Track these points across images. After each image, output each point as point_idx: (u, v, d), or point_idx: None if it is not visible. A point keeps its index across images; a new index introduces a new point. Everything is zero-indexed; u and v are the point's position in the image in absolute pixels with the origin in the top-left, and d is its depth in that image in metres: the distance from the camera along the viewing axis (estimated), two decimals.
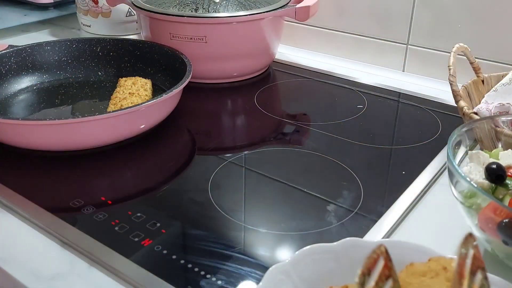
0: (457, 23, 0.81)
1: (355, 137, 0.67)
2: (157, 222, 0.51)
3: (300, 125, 0.72)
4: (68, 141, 0.60)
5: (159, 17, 0.80)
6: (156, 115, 0.66)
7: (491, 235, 0.42)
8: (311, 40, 0.98)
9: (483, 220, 0.42)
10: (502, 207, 0.40)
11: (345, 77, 0.86)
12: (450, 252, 0.47)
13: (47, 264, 0.46)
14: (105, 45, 0.82)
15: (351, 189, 0.56)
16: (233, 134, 0.72)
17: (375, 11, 0.89)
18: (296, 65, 0.92)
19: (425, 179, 0.58)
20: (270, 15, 0.81)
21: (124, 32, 1.05)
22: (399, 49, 0.89)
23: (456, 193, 0.45)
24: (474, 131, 0.52)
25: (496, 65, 0.78)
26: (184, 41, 0.79)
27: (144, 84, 0.74)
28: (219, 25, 0.79)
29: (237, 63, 0.84)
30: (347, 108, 0.76)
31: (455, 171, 0.43)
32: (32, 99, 0.76)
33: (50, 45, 0.80)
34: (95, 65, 0.83)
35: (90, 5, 1.02)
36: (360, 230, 0.50)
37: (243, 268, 0.45)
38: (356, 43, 0.93)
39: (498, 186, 0.44)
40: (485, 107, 0.59)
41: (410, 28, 0.86)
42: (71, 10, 1.14)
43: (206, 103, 0.80)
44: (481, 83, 0.67)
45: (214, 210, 0.53)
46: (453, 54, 0.62)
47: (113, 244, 0.47)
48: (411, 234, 0.50)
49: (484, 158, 0.48)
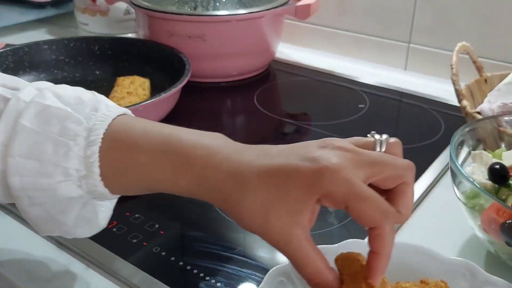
0: (460, 21, 0.81)
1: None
2: (156, 223, 0.50)
3: (301, 124, 0.71)
4: None
5: (157, 15, 0.79)
6: (154, 114, 0.65)
7: (494, 236, 0.42)
8: (312, 38, 0.98)
9: (486, 221, 0.42)
10: (505, 208, 0.40)
11: (346, 76, 0.86)
12: (453, 253, 0.46)
13: (44, 266, 0.46)
14: (103, 44, 0.82)
15: None
16: (233, 134, 0.71)
17: (377, 10, 0.88)
18: (296, 64, 0.91)
19: (427, 180, 0.57)
20: (270, 13, 0.80)
21: (122, 30, 1.04)
22: (401, 48, 0.88)
23: (458, 193, 0.44)
24: (477, 131, 0.51)
25: (499, 64, 0.78)
26: (183, 39, 0.79)
27: (142, 83, 0.74)
28: (218, 23, 0.78)
29: (237, 62, 0.83)
30: (348, 107, 0.76)
31: (457, 171, 0.43)
32: None
33: (47, 44, 0.80)
34: (93, 64, 0.82)
35: (88, 4, 1.01)
36: (361, 232, 0.48)
37: (243, 270, 0.44)
38: (358, 42, 0.93)
39: (501, 186, 0.44)
40: (488, 106, 0.59)
41: (412, 26, 0.86)
42: (68, 8, 1.13)
43: (205, 103, 0.79)
44: (484, 83, 0.66)
45: (214, 211, 0.52)
46: (455, 53, 0.62)
47: (111, 246, 0.47)
48: (413, 235, 0.49)
49: (487, 158, 0.48)
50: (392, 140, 0.33)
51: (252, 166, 0.31)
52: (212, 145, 0.33)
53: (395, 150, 0.33)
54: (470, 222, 0.44)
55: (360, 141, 0.33)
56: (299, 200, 0.30)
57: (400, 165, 0.32)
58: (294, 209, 0.30)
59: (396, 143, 0.33)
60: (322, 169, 0.30)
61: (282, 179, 0.30)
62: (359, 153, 0.31)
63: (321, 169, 0.30)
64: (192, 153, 0.32)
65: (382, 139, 0.33)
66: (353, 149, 0.31)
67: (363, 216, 0.30)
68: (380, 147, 0.33)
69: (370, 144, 0.33)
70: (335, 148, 0.31)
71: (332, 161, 0.30)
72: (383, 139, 0.33)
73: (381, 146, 0.33)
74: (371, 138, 0.33)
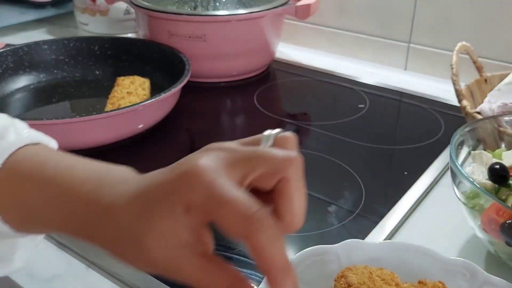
0: (460, 21, 0.81)
1: (356, 137, 0.67)
2: None
3: (301, 124, 0.71)
4: (66, 141, 0.59)
5: (157, 15, 0.79)
6: (154, 114, 0.65)
7: (494, 236, 0.42)
8: (312, 38, 0.98)
9: (486, 221, 0.42)
10: (505, 208, 0.39)
11: (346, 76, 0.86)
12: (453, 253, 0.46)
13: (44, 266, 0.46)
14: (102, 44, 0.82)
15: (353, 190, 0.56)
16: (233, 133, 0.71)
17: (377, 10, 0.88)
18: (296, 64, 0.91)
19: (427, 180, 0.57)
20: (270, 13, 0.80)
21: (122, 30, 1.04)
22: (401, 48, 0.88)
23: (458, 193, 0.44)
24: (477, 131, 0.51)
25: (499, 64, 0.78)
26: (183, 39, 0.79)
27: (142, 83, 0.74)
28: (218, 23, 0.78)
29: (237, 62, 0.83)
30: (348, 107, 0.76)
31: (458, 171, 0.43)
32: (29, 98, 0.76)
33: (47, 44, 0.80)
34: (93, 64, 0.82)
35: (88, 3, 1.01)
36: (361, 232, 0.49)
37: (243, 270, 0.44)
38: (357, 42, 0.92)
39: (501, 186, 0.44)
40: (488, 106, 0.59)
41: (412, 26, 0.86)
42: (68, 8, 1.13)
43: (205, 103, 0.79)
44: (484, 82, 0.66)
45: None
46: (455, 53, 0.62)
47: None
48: (413, 236, 0.49)
49: (487, 158, 0.48)
50: (283, 134, 0.29)
51: (123, 194, 0.27)
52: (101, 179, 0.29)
53: (286, 145, 0.28)
54: (470, 222, 0.44)
55: (248, 139, 0.29)
56: (165, 216, 0.25)
57: (277, 157, 0.26)
58: (166, 229, 0.25)
59: (287, 138, 0.29)
60: (181, 174, 0.25)
61: (148, 198, 0.26)
62: (234, 150, 0.27)
63: (180, 175, 0.25)
64: (77, 189, 0.29)
65: (270, 134, 0.29)
66: (230, 147, 0.27)
67: (224, 225, 0.24)
68: (266, 142, 0.28)
69: (257, 141, 0.28)
70: (210, 150, 0.27)
71: (195, 164, 0.25)
72: (272, 133, 0.29)
73: (268, 141, 0.28)
74: (260, 135, 0.29)
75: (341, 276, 0.34)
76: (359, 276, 0.34)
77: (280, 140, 0.28)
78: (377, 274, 0.34)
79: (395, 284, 0.34)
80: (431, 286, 0.36)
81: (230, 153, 0.26)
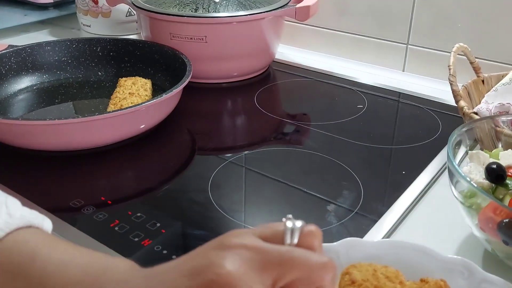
0: (457, 22, 0.81)
1: (355, 137, 0.67)
2: (157, 222, 0.51)
3: (300, 125, 0.72)
4: (68, 141, 0.60)
5: (159, 17, 0.80)
6: (156, 115, 0.66)
7: (491, 235, 0.42)
8: (311, 40, 0.98)
9: (483, 220, 0.42)
10: (502, 207, 0.40)
11: (345, 77, 0.86)
12: (450, 252, 0.47)
13: None
14: (105, 45, 0.82)
15: (351, 189, 0.56)
16: (233, 134, 0.72)
17: (375, 11, 0.89)
18: (296, 65, 0.92)
19: (425, 179, 0.58)
20: (270, 15, 0.81)
21: (124, 32, 1.04)
22: (399, 49, 0.89)
23: (456, 193, 0.45)
24: (474, 131, 0.52)
25: (496, 65, 0.78)
26: (184, 41, 0.79)
27: (144, 84, 0.74)
28: (219, 25, 0.79)
29: (237, 63, 0.84)
30: (347, 108, 0.76)
31: (455, 171, 0.43)
32: (32, 99, 0.76)
33: (50, 45, 0.80)
34: (95, 65, 0.83)
35: (90, 5, 1.02)
36: (360, 230, 0.49)
37: None
38: (356, 43, 0.93)
39: (498, 186, 0.44)
40: (485, 107, 0.59)
41: (410, 28, 0.86)
42: (71, 10, 1.14)
43: (206, 103, 0.80)
44: (481, 83, 0.67)
45: (214, 210, 0.53)
46: (453, 54, 0.62)
47: (113, 244, 0.47)
48: (411, 234, 0.50)
49: (484, 158, 0.48)
50: (308, 229, 0.27)
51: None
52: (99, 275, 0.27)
53: (312, 241, 0.27)
54: (468, 221, 0.45)
55: (267, 231, 0.27)
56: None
57: (314, 263, 0.25)
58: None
59: (312, 233, 0.27)
60: (207, 284, 0.23)
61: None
62: (262, 250, 0.25)
63: (208, 285, 0.23)
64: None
65: (294, 227, 0.26)
66: (254, 245, 0.25)
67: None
68: (291, 238, 0.26)
69: (279, 235, 0.26)
70: (231, 248, 0.25)
71: (224, 270, 0.23)
72: (295, 227, 0.26)
73: (292, 237, 0.26)
74: (281, 226, 0.27)
75: (346, 273, 0.34)
76: (363, 273, 0.34)
77: (307, 236, 0.27)
78: (382, 271, 0.34)
79: (399, 282, 0.34)
80: (433, 284, 0.36)
81: (258, 255, 0.25)
